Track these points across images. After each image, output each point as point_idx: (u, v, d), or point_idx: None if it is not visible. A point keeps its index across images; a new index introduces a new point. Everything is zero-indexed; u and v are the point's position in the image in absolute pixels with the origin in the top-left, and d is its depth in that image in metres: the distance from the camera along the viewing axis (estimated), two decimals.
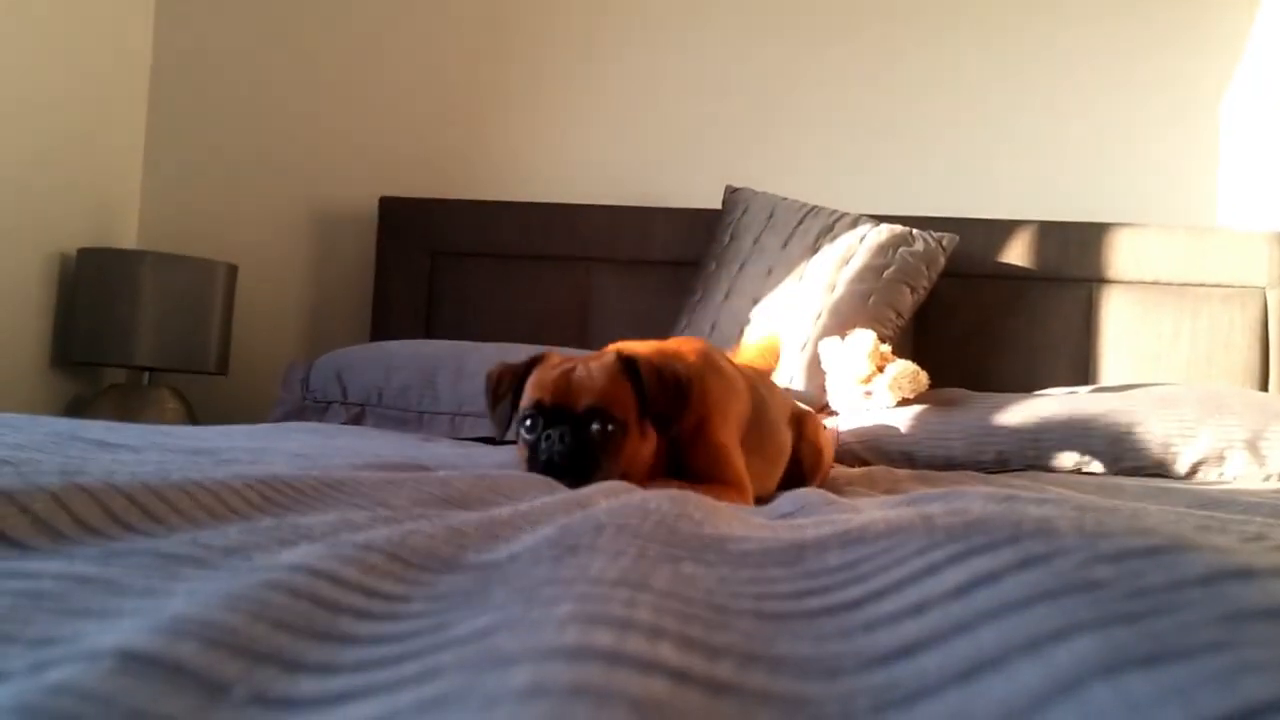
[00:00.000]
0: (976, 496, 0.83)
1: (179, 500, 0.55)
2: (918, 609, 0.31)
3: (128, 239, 2.96)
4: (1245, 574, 0.27)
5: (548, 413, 1.18)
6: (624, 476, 1.14)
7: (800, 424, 1.58)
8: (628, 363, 1.22)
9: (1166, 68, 2.77)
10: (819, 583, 0.36)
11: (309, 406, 2.31)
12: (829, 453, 1.64)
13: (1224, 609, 0.25)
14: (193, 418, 2.60)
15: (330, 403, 2.30)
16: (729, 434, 1.29)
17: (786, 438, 1.52)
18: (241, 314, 2.82)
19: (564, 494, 0.73)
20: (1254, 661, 0.23)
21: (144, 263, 2.51)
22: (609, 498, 0.73)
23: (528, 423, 1.20)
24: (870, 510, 0.67)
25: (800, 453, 1.54)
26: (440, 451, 1.70)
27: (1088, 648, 0.25)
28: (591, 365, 1.22)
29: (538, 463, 1.16)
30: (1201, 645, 0.24)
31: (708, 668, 0.29)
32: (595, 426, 1.17)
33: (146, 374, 2.63)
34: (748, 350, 1.84)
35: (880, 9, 2.87)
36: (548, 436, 1.16)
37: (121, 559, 0.45)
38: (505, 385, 1.28)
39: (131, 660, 0.30)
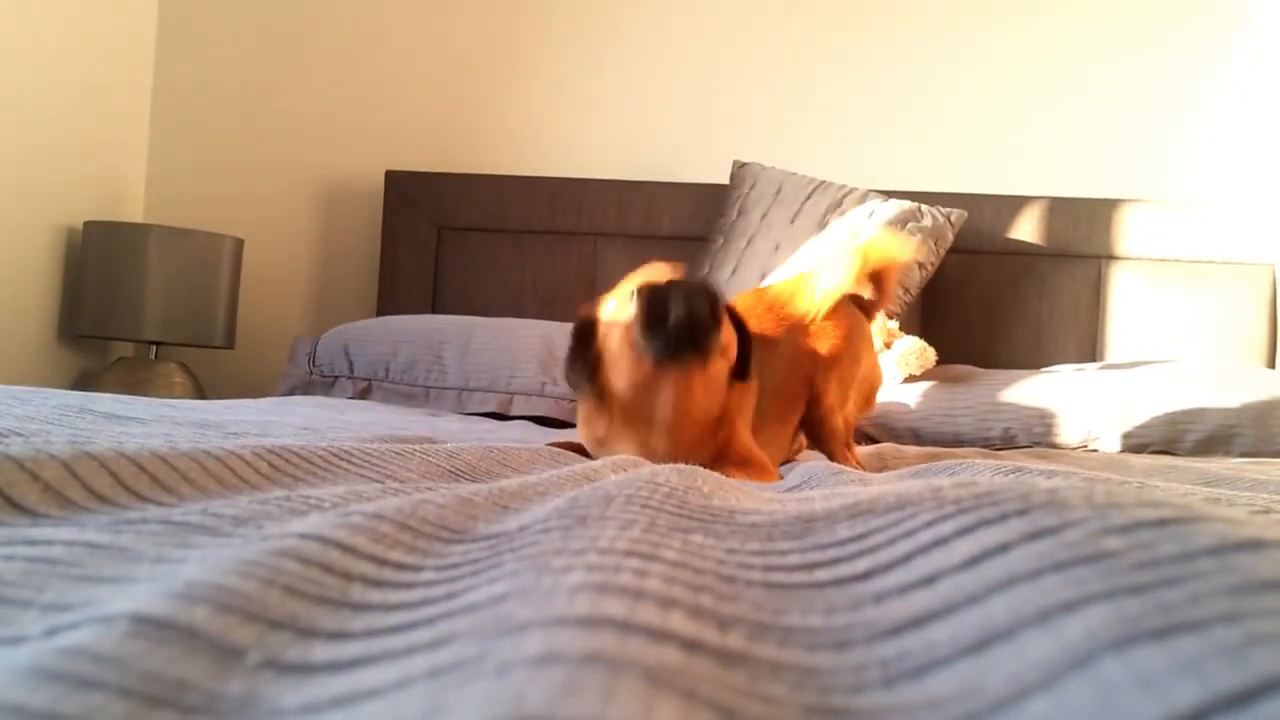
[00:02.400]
0: (984, 469, 0.83)
1: (189, 469, 0.56)
2: (927, 580, 0.31)
3: (134, 212, 2.96)
4: (1256, 545, 0.27)
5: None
6: (695, 408, 1.14)
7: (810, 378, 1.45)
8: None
9: (1176, 42, 2.74)
10: (828, 555, 0.36)
11: (315, 381, 2.32)
12: (837, 420, 1.46)
13: (1235, 580, 0.25)
14: (200, 391, 2.61)
15: (337, 377, 2.31)
16: (747, 431, 1.28)
17: (791, 398, 1.43)
18: (248, 288, 2.83)
19: (572, 467, 0.73)
20: (1266, 633, 0.23)
21: (150, 236, 2.51)
22: (618, 471, 0.73)
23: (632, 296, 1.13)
24: (878, 483, 0.67)
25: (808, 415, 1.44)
26: (447, 427, 1.71)
27: (1098, 619, 0.25)
28: None
29: (652, 308, 1.08)
30: (1213, 617, 0.24)
31: (719, 638, 0.29)
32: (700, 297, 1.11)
33: (154, 348, 2.64)
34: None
35: None
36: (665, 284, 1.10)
37: (133, 527, 0.45)
38: (587, 328, 1.22)
39: (146, 624, 0.30)
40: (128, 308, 2.49)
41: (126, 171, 2.94)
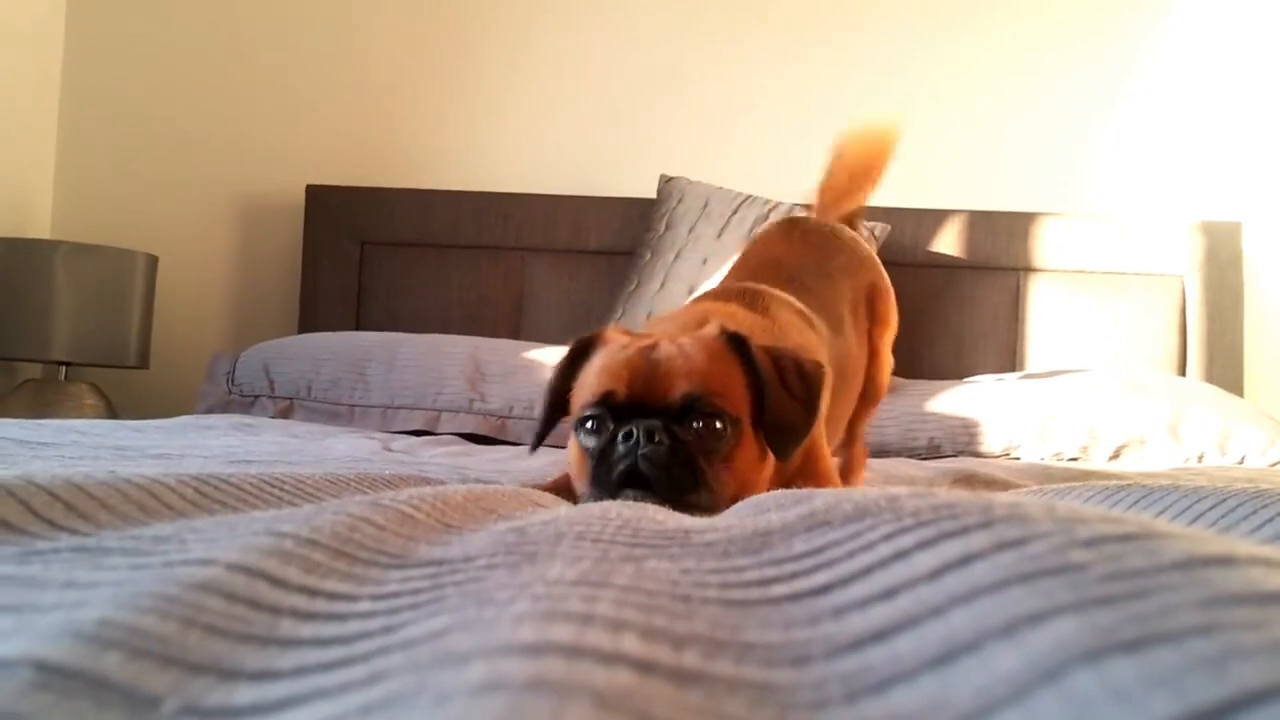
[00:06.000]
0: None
1: (108, 497, 0.52)
2: (888, 594, 0.30)
3: (41, 229, 2.85)
4: (1226, 561, 0.26)
5: (620, 410, 0.85)
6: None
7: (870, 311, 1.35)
8: (735, 339, 0.89)
9: (1090, 59, 2.82)
10: (785, 570, 0.35)
11: (235, 400, 2.25)
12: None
13: (1207, 593, 0.25)
14: (112, 413, 2.52)
15: (257, 396, 2.25)
16: (826, 446, 1.04)
17: (854, 360, 1.29)
18: (163, 306, 2.74)
19: (522, 490, 0.71)
20: (1243, 646, 0.22)
21: (58, 253, 2.42)
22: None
23: (589, 424, 0.86)
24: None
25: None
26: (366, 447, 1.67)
27: (1067, 631, 0.24)
28: (683, 341, 0.88)
29: (608, 477, 0.83)
30: (1187, 629, 0.23)
31: (673, 657, 0.28)
32: (697, 424, 0.84)
33: (63, 368, 2.54)
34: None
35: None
36: (627, 436, 0.83)
37: (41, 557, 0.42)
38: (553, 380, 0.95)
39: (50, 674, 0.28)
40: (35, 327, 2.39)
41: (33, 186, 2.83)
